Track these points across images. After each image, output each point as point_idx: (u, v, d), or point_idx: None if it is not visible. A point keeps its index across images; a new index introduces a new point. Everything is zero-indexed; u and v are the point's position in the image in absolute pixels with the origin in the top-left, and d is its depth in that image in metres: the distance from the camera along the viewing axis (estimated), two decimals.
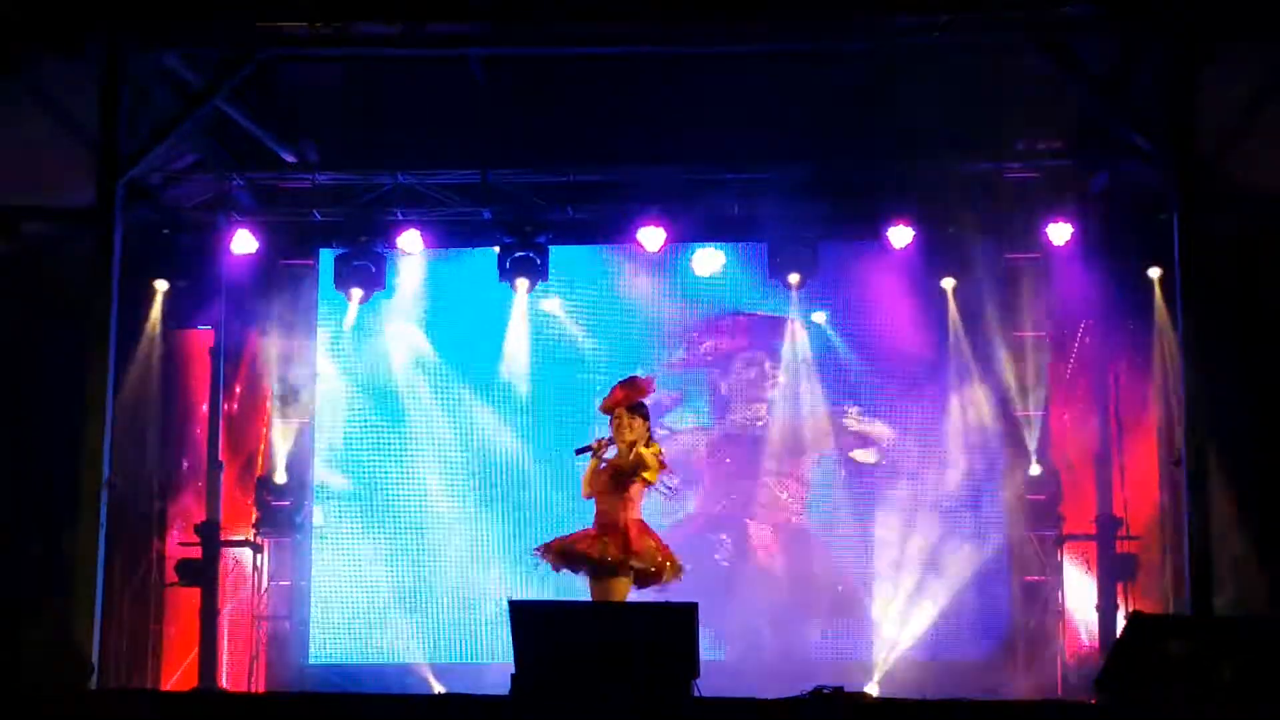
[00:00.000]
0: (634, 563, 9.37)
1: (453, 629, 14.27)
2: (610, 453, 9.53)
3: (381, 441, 14.56)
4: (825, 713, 7.98)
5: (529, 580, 13.71)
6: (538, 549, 9.68)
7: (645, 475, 9.41)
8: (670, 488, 9.67)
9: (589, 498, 9.64)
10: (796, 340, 14.44)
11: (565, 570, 9.59)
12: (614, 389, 9.57)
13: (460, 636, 14.24)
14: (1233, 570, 12.10)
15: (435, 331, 14.60)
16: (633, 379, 9.63)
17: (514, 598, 8.59)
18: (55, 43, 11.91)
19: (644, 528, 9.53)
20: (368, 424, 14.60)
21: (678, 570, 9.52)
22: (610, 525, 9.46)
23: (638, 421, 9.47)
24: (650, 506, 9.70)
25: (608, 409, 9.50)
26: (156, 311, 13.98)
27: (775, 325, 14.54)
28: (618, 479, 9.46)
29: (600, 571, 9.42)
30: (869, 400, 14.40)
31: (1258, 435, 12.77)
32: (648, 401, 9.67)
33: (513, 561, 14.11)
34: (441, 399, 14.57)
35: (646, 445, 9.45)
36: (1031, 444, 14.24)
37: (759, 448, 14.36)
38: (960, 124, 13.40)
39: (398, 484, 14.50)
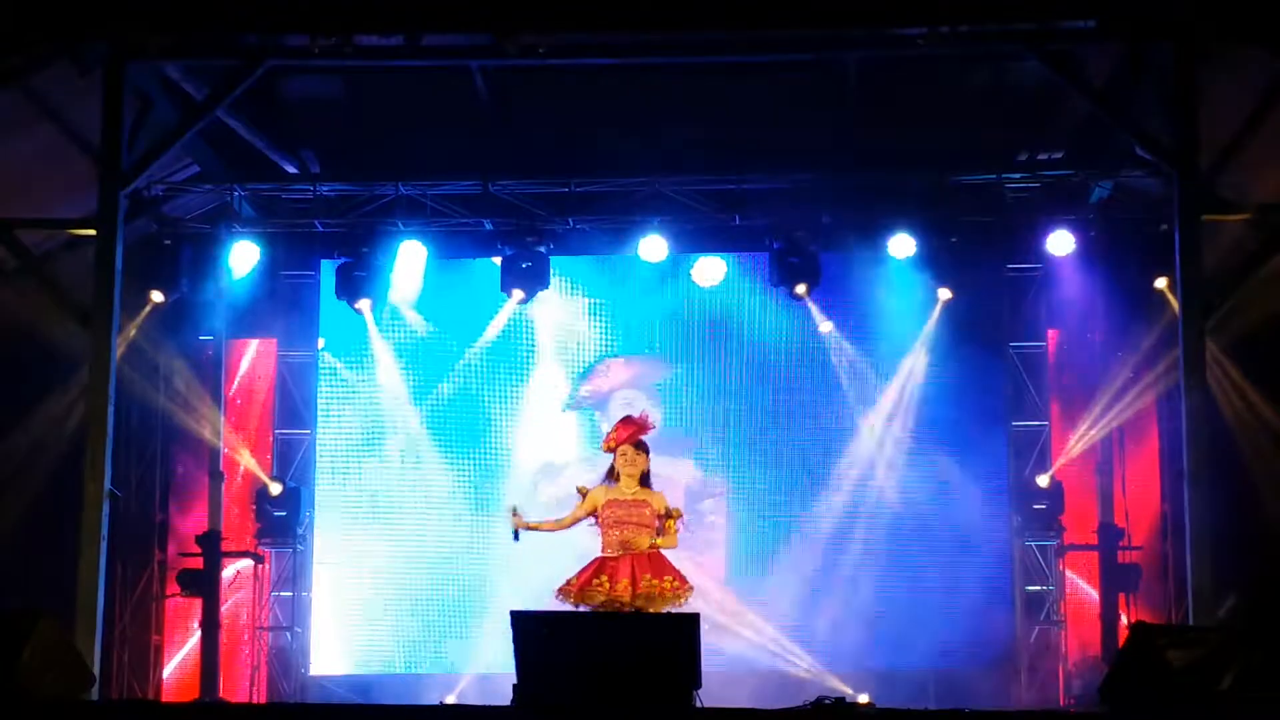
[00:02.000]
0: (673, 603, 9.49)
1: (454, 639, 14.26)
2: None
3: (383, 452, 14.56)
4: None
5: (531, 590, 13.73)
6: (561, 593, 9.65)
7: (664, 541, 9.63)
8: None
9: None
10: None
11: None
12: (618, 427, 9.85)
13: (462, 647, 14.22)
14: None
15: (436, 341, 14.60)
16: (631, 418, 9.88)
17: (516, 608, 8.59)
18: (58, 55, 11.92)
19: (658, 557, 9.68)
20: (369, 434, 14.59)
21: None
22: (629, 560, 9.52)
23: (642, 457, 9.72)
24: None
25: (611, 447, 9.71)
26: (138, 323, 13.88)
27: (654, 366, 14.53)
28: (637, 516, 9.59)
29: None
30: (865, 407, 14.41)
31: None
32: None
33: (514, 572, 14.11)
34: (442, 409, 14.57)
35: (643, 476, 9.71)
36: (1033, 454, 14.25)
37: None
38: (962, 134, 13.43)
39: (399, 494, 14.50)
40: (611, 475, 9.75)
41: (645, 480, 9.73)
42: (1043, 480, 14.11)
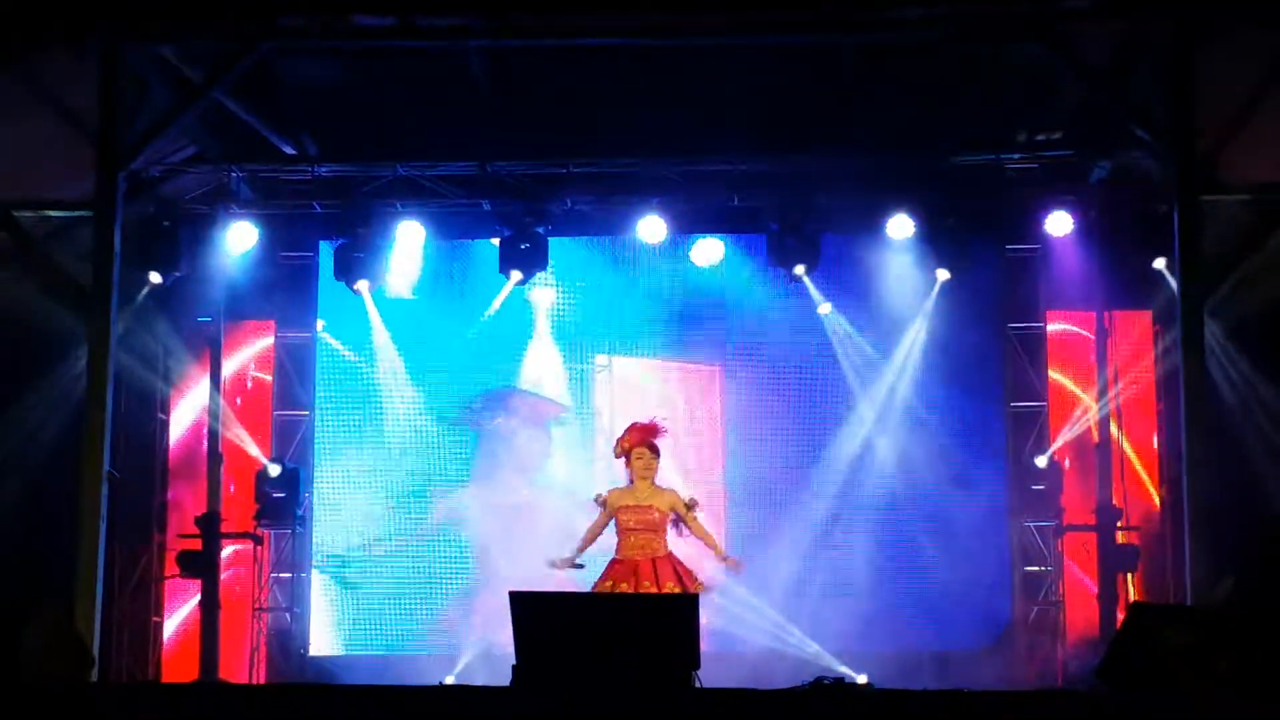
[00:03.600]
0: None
1: (453, 620, 14.28)
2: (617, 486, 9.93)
3: (382, 432, 14.56)
4: (826, 704, 7.98)
5: (531, 570, 13.76)
6: None
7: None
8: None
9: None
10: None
11: None
12: (630, 431, 10.19)
13: (461, 627, 14.24)
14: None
15: (435, 322, 14.60)
16: (641, 423, 10.16)
17: (515, 588, 8.61)
18: (55, 36, 11.91)
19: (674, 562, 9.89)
20: (368, 415, 14.59)
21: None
22: (649, 564, 9.70)
23: (655, 460, 9.95)
24: None
25: (626, 450, 9.86)
26: (137, 304, 13.89)
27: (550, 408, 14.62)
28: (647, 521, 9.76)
29: None
30: (865, 388, 14.41)
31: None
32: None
33: (514, 551, 14.14)
34: (442, 390, 14.57)
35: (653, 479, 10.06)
36: (1032, 435, 14.25)
37: None
38: (960, 115, 13.41)
39: (398, 474, 14.50)
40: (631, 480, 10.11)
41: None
42: (1041, 461, 14.12)
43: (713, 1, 11.93)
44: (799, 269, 14.01)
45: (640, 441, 9.95)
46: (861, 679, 12.90)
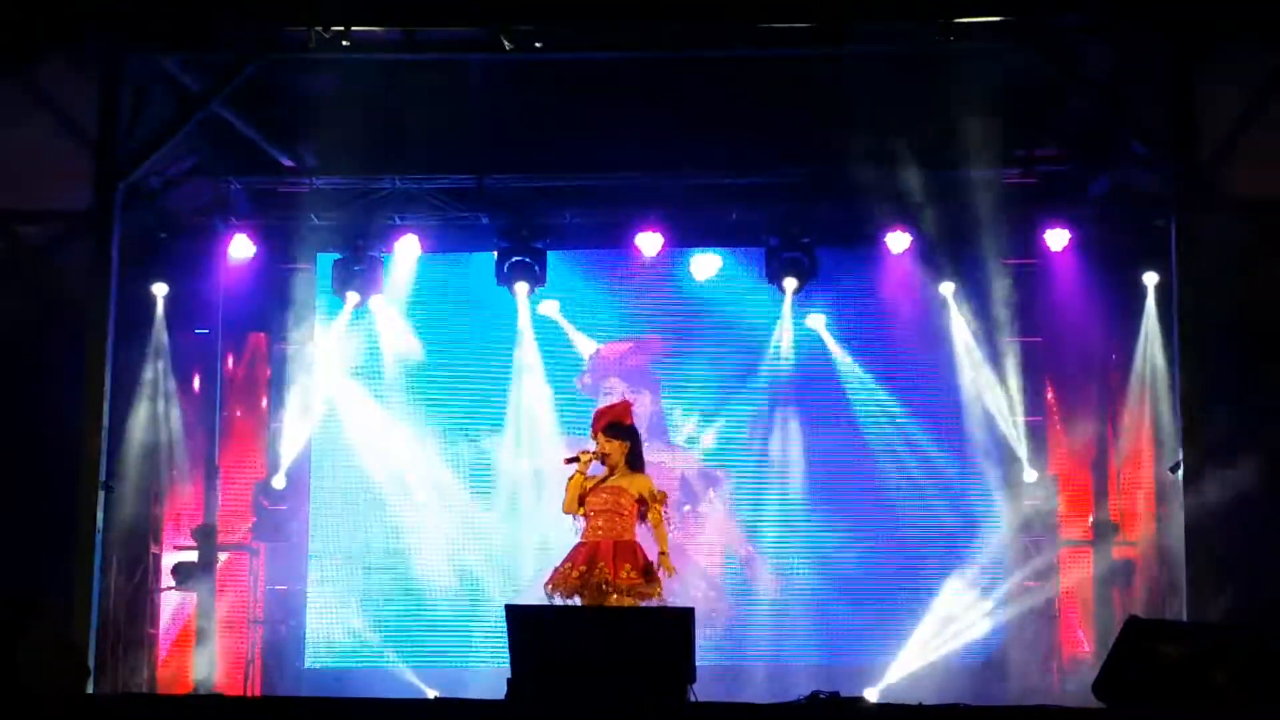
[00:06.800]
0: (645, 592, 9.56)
1: (449, 634, 14.26)
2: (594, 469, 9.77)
3: (379, 446, 14.54)
4: (822, 718, 7.99)
5: (525, 585, 13.75)
6: (547, 585, 9.73)
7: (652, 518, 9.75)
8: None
9: (569, 512, 9.79)
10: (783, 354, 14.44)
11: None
12: (594, 415, 9.92)
13: (456, 641, 14.23)
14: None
15: (433, 336, 14.59)
16: (606, 406, 10.04)
17: (510, 602, 8.61)
18: (56, 46, 11.93)
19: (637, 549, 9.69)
20: (365, 428, 14.57)
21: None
22: (610, 545, 9.57)
23: (615, 444, 9.75)
24: None
25: (593, 437, 9.75)
26: (159, 315, 13.95)
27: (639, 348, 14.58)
28: (612, 504, 9.63)
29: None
30: (863, 403, 14.40)
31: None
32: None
33: (509, 566, 14.14)
34: (438, 404, 14.56)
35: (623, 464, 9.71)
36: (1029, 450, 14.25)
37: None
38: (958, 130, 13.42)
39: (394, 488, 14.48)
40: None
41: (637, 464, 9.73)
42: (1038, 475, 14.11)
43: (710, 14, 11.94)
44: (797, 282, 14.02)
45: (600, 427, 9.78)
46: (861, 693, 12.89)
